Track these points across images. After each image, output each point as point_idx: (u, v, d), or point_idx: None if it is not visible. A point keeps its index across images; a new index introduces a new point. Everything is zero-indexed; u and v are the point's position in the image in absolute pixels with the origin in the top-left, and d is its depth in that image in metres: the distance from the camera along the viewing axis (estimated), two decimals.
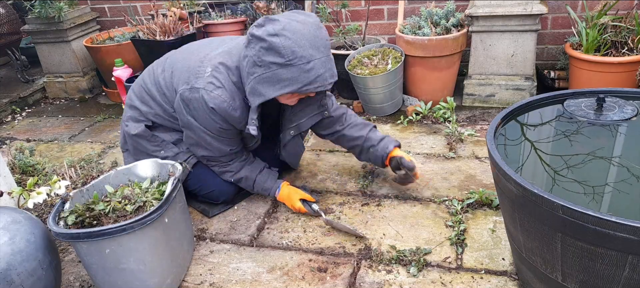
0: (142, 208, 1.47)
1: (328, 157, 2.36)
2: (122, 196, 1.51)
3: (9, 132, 3.14)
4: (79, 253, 1.41)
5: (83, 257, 1.40)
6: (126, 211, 1.45)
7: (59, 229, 1.36)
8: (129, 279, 1.43)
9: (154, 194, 1.53)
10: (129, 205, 1.46)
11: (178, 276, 1.60)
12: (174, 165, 1.61)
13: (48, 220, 1.40)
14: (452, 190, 1.99)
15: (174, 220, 1.53)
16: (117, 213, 1.46)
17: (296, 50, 1.49)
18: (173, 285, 1.57)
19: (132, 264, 1.41)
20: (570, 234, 1.07)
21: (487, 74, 2.71)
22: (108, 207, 1.45)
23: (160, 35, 2.72)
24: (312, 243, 1.76)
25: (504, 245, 1.65)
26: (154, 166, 1.67)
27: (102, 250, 1.36)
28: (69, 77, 3.64)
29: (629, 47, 2.42)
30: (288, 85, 1.53)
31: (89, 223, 1.44)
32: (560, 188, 1.22)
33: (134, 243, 1.38)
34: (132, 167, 1.66)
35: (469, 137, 2.40)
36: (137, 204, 1.47)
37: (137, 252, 1.40)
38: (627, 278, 1.04)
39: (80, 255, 1.41)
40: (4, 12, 3.95)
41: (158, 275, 1.49)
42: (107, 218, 1.45)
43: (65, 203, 1.48)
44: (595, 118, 1.45)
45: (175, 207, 1.54)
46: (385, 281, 1.55)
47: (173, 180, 1.52)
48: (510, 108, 1.50)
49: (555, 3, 2.80)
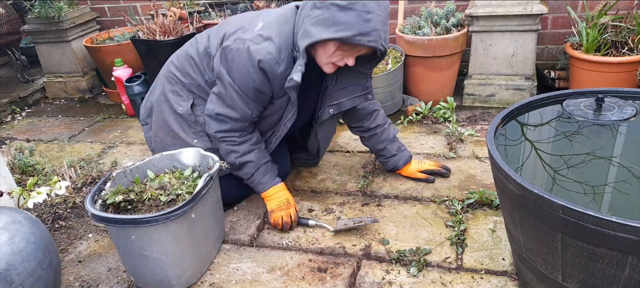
0: (174, 201, 1.52)
1: (328, 157, 2.35)
2: (160, 185, 1.56)
3: (8, 132, 3.14)
4: (109, 234, 1.53)
5: (113, 238, 1.53)
6: (160, 201, 1.51)
7: (92, 210, 1.44)
8: (150, 266, 1.51)
9: (188, 187, 1.56)
10: (163, 195, 1.51)
11: (199, 270, 1.63)
12: (214, 159, 1.63)
13: (86, 198, 1.49)
14: (452, 190, 1.99)
15: (203, 215, 1.56)
16: (151, 202, 1.52)
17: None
18: (192, 278, 1.60)
19: (155, 253, 1.47)
20: (571, 234, 1.07)
21: (487, 74, 2.71)
22: (145, 195, 1.52)
23: (160, 35, 2.71)
24: (312, 243, 1.76)
25: (504, 245, 1.65)
26: (197, 156, 1.69)
27: (129, 236, 1.44)
28: (68, 77, 3.64)
29: (629, 47, 2.42)
30: (343, 29, 1.44)
31: (124, 207, 1.51)
32: (560, 188, 1.22)
33: (158, 234, 1.44)
34: (177, 153, 1.70)
35: (469, 137, 2.40)
36: (171, 196, 1.51)
37: (161, 242, 1.46)
38: (627, 279, 1.04)
39: (111, 235, 1.53)
40: (4, 12, 3.94)
41: (178, 267, 1.54)
42: (142, 205, 1.52)
43: (107, 183, 1.55)
44: (594, 118, 1.45)
45: (206, 203, 1.57)
46: (385, 281, 1.55)
47: (206, 177, 1.53)
48: (510, 108, 1.50)
49: (555, 3, 2.80)
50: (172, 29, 2.75)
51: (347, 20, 1.43)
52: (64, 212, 2.06)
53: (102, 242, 1.90)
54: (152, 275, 1.54)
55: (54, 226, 1.99)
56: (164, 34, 2.72)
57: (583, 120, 1.45)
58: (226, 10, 3.35)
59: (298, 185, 2.14)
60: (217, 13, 3.30)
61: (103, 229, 1.97)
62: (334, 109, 1.82)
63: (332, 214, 1.92)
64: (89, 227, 2.00)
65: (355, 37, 1.45)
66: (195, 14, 3.05)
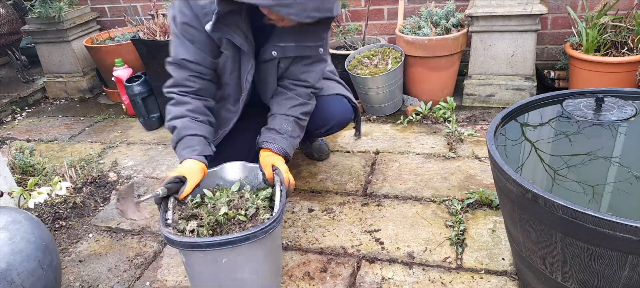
0: (254, 216, 1.40)
1: (328, 157, 2.35)
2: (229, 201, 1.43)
3: (9, 132, 3.15)
4: (189, 263, 1.33)
5: (195, 268, 1.33)
6: (240, 219, 1.38)
7: (176, 238, 1.26)
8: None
9: (256, 202, 1.45)
10: (241, 212, 1.39)
11: (278, 284, 1.54)
12: (278, 171, 1.50)
13: (161, 228, 1.31)
14: (452, 190, 1.99)
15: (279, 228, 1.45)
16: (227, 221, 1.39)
17: None
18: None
19: (247, 274, 1.34)
20: (570, 234, 1.07)
21: (487, 74, 2.71)
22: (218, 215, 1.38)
23: (160, 35, 2.71)
24: (312, 244, 1.77)
25: (504, 245, 1.65)
26: (241, 169, 1.60)
27: (219, 260, 1.28)
28: (69, 77, 3.64)
29: (629, 47, 2.42)
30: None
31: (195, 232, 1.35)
32: (560, 188, 1.22)
33: (252, 252, 1.31)
34: (219, 169, 1.59)
35: (469, 137, 2.40)
36: (250, 211, 1.40)
37: (254, 261, 1.34)
38: (627, 278, 1.04)
39: (191, 264, 1.33)
40: (4, 12, 3.94)
41: (268, 286, 1.44)
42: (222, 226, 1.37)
43: (167, 212, 1.38)
44: (594, 118, 1.45)
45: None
46: (385, 281, 1.56)
47: (280, 187, 1.44)
48: (510, 108, 1.50)
49: (555, 3, 2.80)
50: None
51: None
52: (65, 212, 2.06)
53: (102, 242, 1.90)
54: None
55: (55, 226, 1.99)
56: (164, 34, 2.72)
57: (583, 120, 1.46)
58: None
59: (298, 185, 2.14)
60: None
61: (103, 229, 1.97)
62: (277, 51, 1.61)
63: (332, 214, 1.92)
64: (89, 227, 2.00)
65: (274, 7, 1.33)
66: None
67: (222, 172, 1.58)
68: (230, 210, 1.40)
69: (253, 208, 1.40)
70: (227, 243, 1.24)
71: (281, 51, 1.61)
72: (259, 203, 1.44)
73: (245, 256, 1.31)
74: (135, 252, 1.82)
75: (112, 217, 2.06)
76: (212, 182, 1.56)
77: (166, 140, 2.76)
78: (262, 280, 1.40)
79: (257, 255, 1.34)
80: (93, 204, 2.15)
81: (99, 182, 2.30)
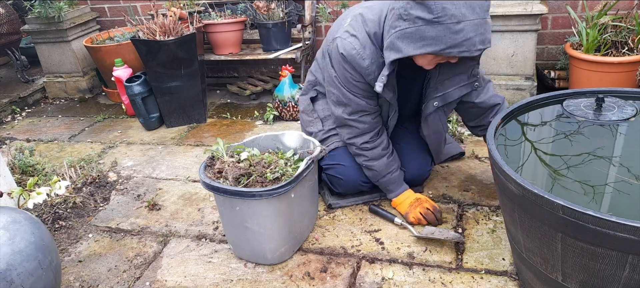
0: (278, 179, 1.59)
1: None
2: (267, 163, 1.64)
3: (8, 132, 3.14)
4: (217, 202, 1.65)
5: (219, 207, 1.65)
6: (265, 178, 1.59)
7: (205, 178, 1.57)
8: (249, 237, 1.62)
9: (292, 168, 1.63)
10: (269, 173, 1.59)
11: (293, 247, 1.71)
12: (315, 143, 1.71)
13: (200, 167, 1.64)
14: (452, 190, 1.99)
15: (301, 196, 1.65)
16: (257, 177, 1.60)
17: (447, 8, 1.32)
18: (285, 255, 1.68)
19: (255, 226, 1.58)
20: (571, 234, 1.07)
21: (487, 74, 2.70)
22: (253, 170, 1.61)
23: (160, 35, 2.71)
24: (312, 244, 1.76)
25: (504, 245, 1.65)
26: (298, 139, 1.78)
27: (234, 206, 1.56)
28: (69, 77, 3.64)
29: (629, 47, 2.42)
30: (430, 44, 1.38)
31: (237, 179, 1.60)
32: (560, 188, 1.22)
33: (260, 208, 1.54)
34: (280, 134, 1.80)
35: (469, 137, 2.40)
36: (276, 174, 1.59)
37: (261, 216, 1.56)
38: (627, 278, 1.04)
39: (217, 204, 1.65)
40: (4, 12, 3.94)
41: (275, 242, 1.62)
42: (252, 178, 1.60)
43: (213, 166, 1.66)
44: (594, 118, 1.45)
45: (305, 185, 1.66)
46: (386, 281, 1.55)
47: (307, 160, 1.61)
48: (510, 108, 1.51)
49: (555, 3, 2.80)
50: (172, 29, 2.75)
51: (434, 35, 1.36)
52: (64, 212, 2.06)
53: (102, 242, 1.90)
54: (250, 246, 1.64)
55: (54, 226, 1.99)
56: (164, 34, 2.72)
57: (583, 120, 1.45)
58: (226, 10, 3.35)
59: None
60: (217, 13, 3.30)
61: (103, 229, 1.97)
62: (438, 101, 1.71)
63: (332, 214, 1.92)
64: (89, 227, 2.00)
65: (443, 51, 1.38)
66: (195, 14, 3.04)
67: (282, 137, 1.81)
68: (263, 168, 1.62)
69: (279, 173, 1.60)
70: (234, 193, 1.52)
71: (442, 99, 1.71)
72: (287, 171, 1.61)
73: (252, 210, 1.54)
74: (135, 252, 1.82)
75: (112, 217, 2.06)
76: (272, 144, 1.80)
77: (166, 140, 2.76)
78: (269, 235, 1.60)
79: (264, 213, 1.55)
80: (93, 204, 2.15)
81: (98, 182, 2.30)
